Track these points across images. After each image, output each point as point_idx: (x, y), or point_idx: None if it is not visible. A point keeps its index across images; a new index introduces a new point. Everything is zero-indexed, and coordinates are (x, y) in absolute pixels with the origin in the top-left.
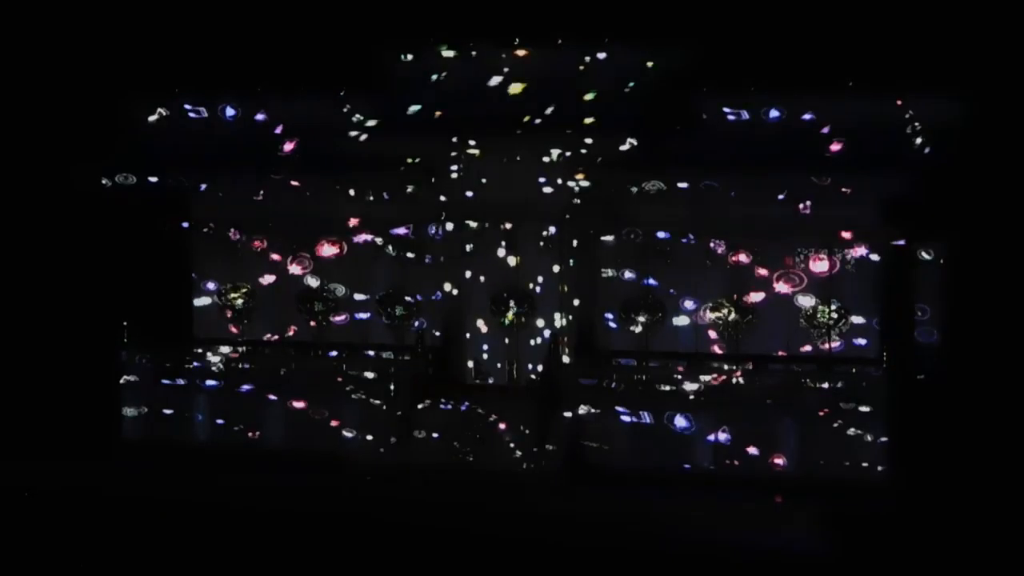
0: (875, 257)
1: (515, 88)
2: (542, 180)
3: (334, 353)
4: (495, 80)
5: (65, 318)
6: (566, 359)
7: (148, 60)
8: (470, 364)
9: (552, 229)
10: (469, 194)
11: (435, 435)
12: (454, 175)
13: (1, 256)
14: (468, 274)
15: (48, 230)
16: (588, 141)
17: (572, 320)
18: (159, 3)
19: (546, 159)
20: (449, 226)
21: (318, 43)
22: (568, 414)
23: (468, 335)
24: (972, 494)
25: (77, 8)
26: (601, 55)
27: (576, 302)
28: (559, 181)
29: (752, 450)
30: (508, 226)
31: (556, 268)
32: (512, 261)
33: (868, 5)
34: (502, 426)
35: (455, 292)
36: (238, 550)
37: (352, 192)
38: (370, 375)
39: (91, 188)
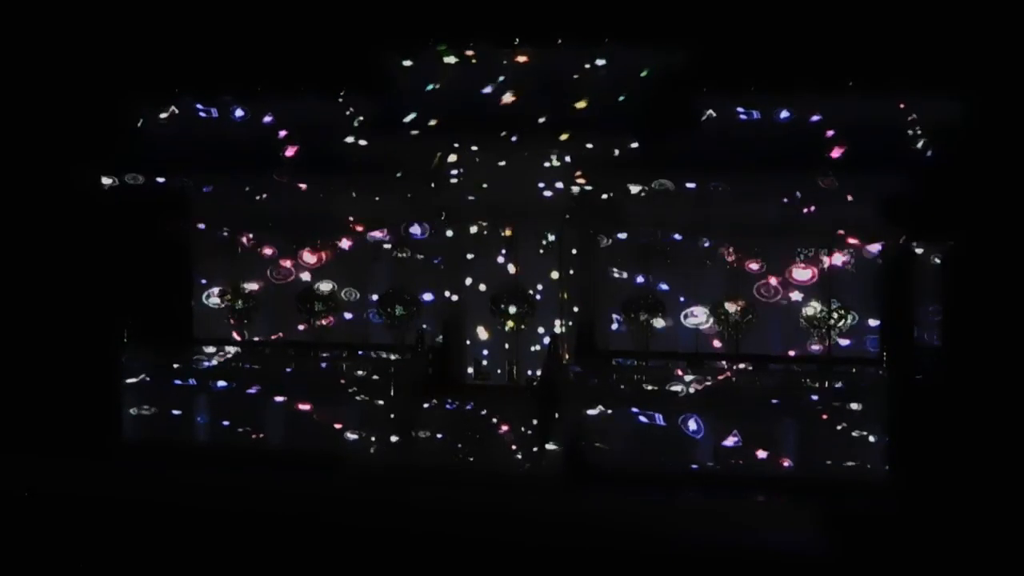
0: (875, 256)
1: (507, 98)
2: (542, 181)
3: (327, 354)
4: (497, 81)
5: (66, 318)
6: (566, 359)
7: (148, 61)
8: (470, 368)
9: (552, 237)
10: (471, 197)
11: (436, 435)
12: (453, 179)
13: (2, 255)
14: (468, 275)
15: (49, 230)
16: (588, 143)
17: (572, 320)
18: (160, 4)
19: (546, 161)
20: (449, 232)
21: (318, 45)
22: (568, 414)
23: (468, 336)
24: (972, 494)
25: (78, 10)
26: (601, 56)
27: (576, 303)
28: (559, 182)
29: (752, 450)
30: (509, 227)
31: (556, 269)
32: (512, 262)
33: (868, 5)
34: (503, 427)
35: (455, 298)
36: (236, 551)
37: (352, 193)
38: (365, 374)
39: (91, 188)
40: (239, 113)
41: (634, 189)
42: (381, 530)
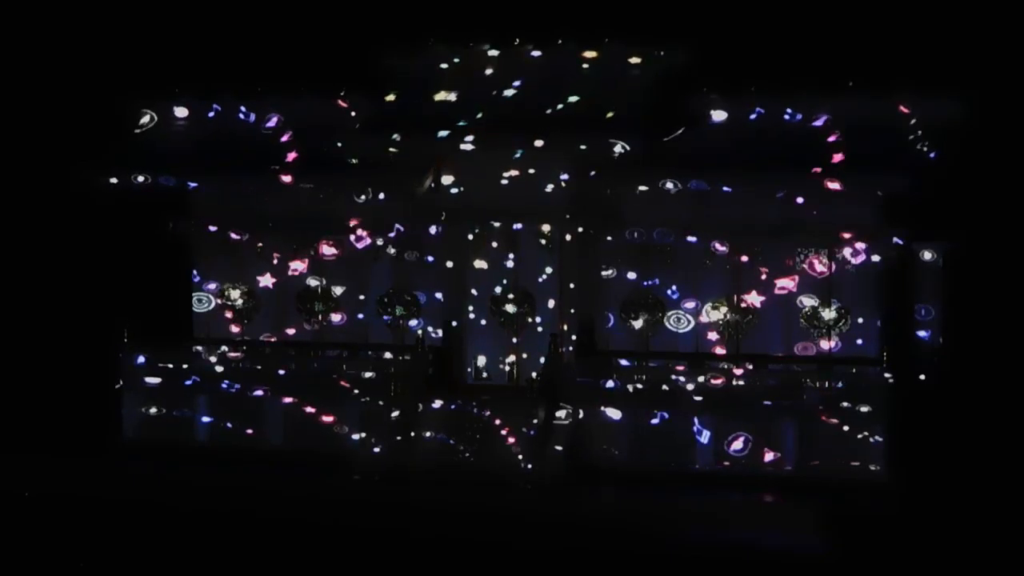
0: (875, 257)
1: (506, 99)
2: (542, 181)
3: (328, 354)
4: (496, 83)
5: (66, 318)
6: (566, 359)
7: (148, 61)
8: (470, 367)
9: (548, 229)
10: (470, 196)
11: (436, 435)
12: (451, 179)
13: (2, 255)
14: (468, 275)
15: (49, 230)
16: (587, 142)
17: (572, 320)
18: (159, 4)
19: (546, 162)
20: (447, 226)
21: (318, 45)
22: (569, 414)
23: (468, 336)
24: (971, 494)
25: (77, 10)
26: (601, 56)
27: (576, 303)
28: (559, 182)
29: (752, 450)
30: (510, 227)
31: (556, 269)
32: (512, 261)
33: (868, 5)
34: (503, 427)
35: (456, 293)
36: (236, 551)
37: (351, 193)
38: (366, 374)
39: (91, 188)
40: (239, 113)
41: (634, 189)
42: (381, 530)
